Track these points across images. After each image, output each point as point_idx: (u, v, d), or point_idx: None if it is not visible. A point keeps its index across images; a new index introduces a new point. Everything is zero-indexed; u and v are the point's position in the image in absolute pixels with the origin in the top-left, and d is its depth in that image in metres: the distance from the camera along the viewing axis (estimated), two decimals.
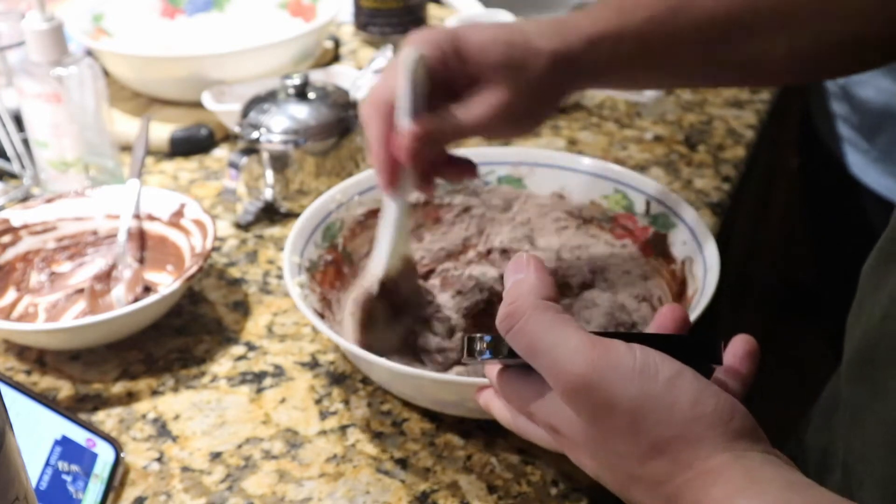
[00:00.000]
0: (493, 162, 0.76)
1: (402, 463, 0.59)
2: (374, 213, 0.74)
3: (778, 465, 0.38)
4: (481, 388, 0.52)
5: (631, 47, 0.61)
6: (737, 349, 0.48)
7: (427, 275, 0.73)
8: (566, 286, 0.70)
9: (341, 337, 0.60)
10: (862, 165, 1.11)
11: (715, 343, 0.44)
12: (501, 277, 0.70)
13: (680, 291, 0.67)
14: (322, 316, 0.65)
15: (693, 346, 0.43)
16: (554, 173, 0.76)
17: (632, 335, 0.41)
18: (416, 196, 0.74)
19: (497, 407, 0.50)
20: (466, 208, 0.76)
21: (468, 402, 0.55)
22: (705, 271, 0.64)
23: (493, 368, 0.48)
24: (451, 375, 0.61)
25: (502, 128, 0.63)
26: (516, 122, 0.63)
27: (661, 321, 0.49)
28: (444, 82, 0.60)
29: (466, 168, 0.67)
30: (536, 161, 0.77)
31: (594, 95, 1.04)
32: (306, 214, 0.70)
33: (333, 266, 0.71)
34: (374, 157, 0.61)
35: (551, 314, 0.42)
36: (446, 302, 0.68)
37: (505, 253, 0.73)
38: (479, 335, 0.45)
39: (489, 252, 0.74)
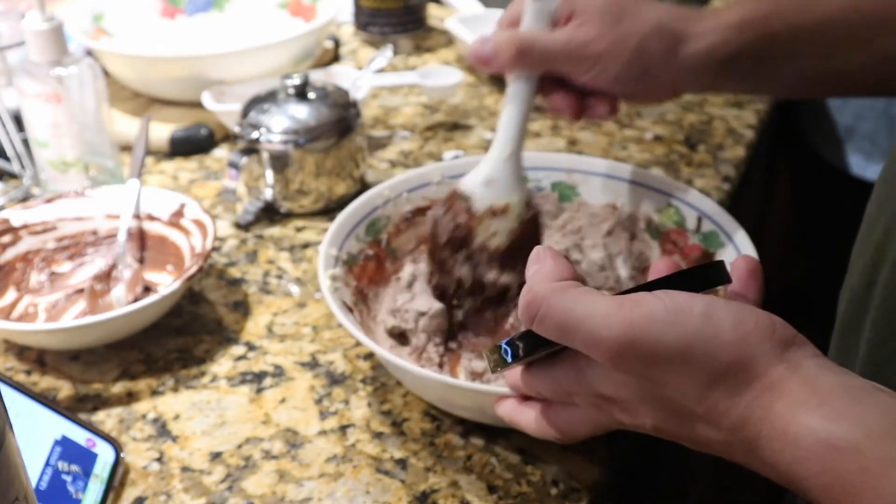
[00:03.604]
0: (546, 167, 0.76)
1: (402, 463, 0.59)
2: (422, 211, 0.74)
3: (835, 371, 0.38)
4: (500, 399, 0.50)
5: (750, 37, 0.62)
6: (740, 272, 0.47)
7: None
8: None
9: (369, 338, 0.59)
10: (840, 153, 1.11)
11: (719, 265, 0.44)
12: None
13: None
14: (351, 310, 0.64)
15: (701, 275, 0.43)
16: (609, 183, 0.75)
17: (646, 285, 0.41)
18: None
19: (524, 416, 0.49)
20: None
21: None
22: None
23: (514, 373, 0.47)
24: (493, 386, 0.59)
25: (604, 77, 0.64)
26: (618, 79, 0.63)
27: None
28: None
29: (599, 104, 0.67)
30: (591, 170, 0.76)
31: None
32: (351, 208, 0.70)
33: (375, 261, 0.71)
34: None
35: (571, 291, 0.41)
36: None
37: None
38: (502, 342, 0.44)
39: None
